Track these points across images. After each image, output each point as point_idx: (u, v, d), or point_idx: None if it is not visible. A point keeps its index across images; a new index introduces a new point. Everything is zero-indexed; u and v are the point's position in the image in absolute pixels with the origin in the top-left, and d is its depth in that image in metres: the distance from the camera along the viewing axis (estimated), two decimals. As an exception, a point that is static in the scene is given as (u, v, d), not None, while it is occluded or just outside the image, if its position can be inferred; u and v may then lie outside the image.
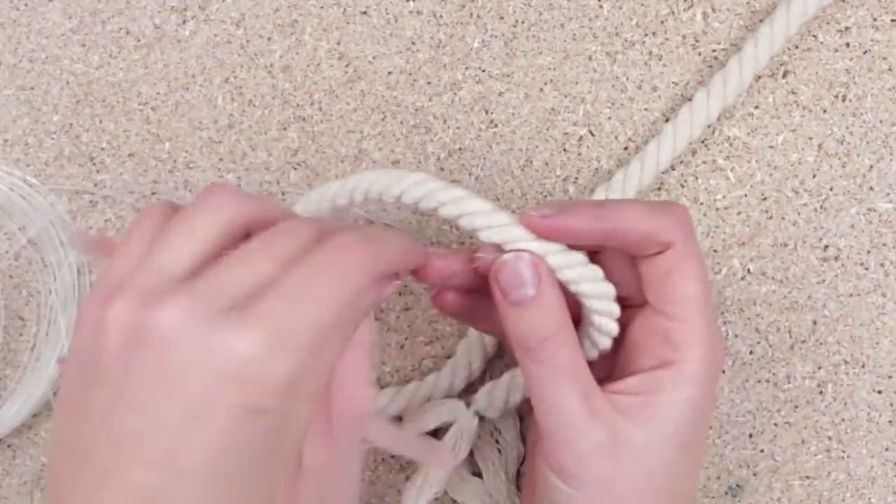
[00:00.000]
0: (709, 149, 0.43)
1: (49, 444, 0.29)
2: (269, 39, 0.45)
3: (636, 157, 0.42)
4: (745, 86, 0.42)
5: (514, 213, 0.33)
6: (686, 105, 0.42)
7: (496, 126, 0.44)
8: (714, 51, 0.44)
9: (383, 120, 0.44)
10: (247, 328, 0.26)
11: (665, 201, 0.41)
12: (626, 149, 0.44)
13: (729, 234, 0.43)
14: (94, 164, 0.44)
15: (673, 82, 0.44)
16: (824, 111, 0.43)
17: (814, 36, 0.44)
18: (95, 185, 0.44)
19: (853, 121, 0.43)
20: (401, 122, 0.44)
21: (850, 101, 0.43)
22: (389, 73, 0.44)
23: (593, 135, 0.44)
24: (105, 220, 0.44)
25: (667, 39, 0.44)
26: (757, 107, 0.43)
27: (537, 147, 0.44)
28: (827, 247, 0.43)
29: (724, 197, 0.43)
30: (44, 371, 0.43)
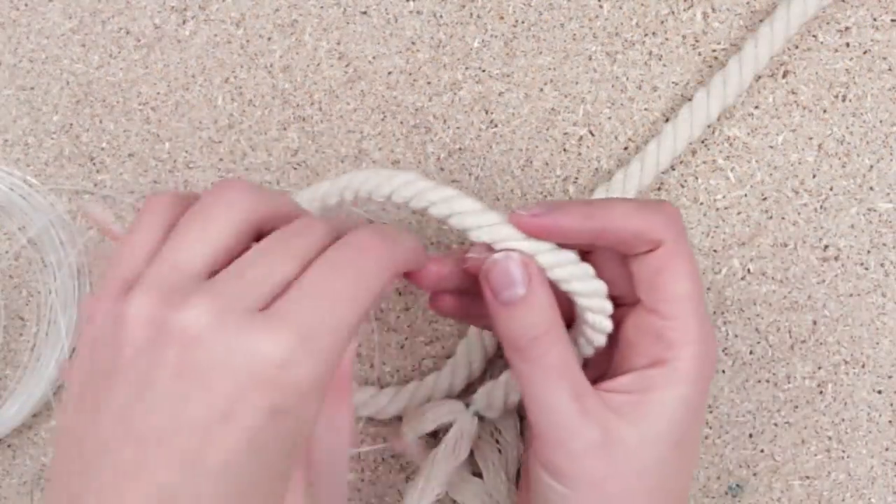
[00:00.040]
0: (709, 149, 0.43)
1: (57, 438, 0.29)
2: (269, 39, 0.45)
3: (636, 157, 0.42)
4: (745, 86, 0.42)
5: (507, 213, 0.33)
6: (686, 105, 0.42)
7: (496, 126, 0.44)
8: (714, 51, 0.44)
9: (383, 120, 0.44)
10: (273, 330, 0.27)
11: (655, 199, 0.41)
12: (626, 149, 0.44)
13: (729, 234, 0.43)
14: (94, 164, 0.44)
15: (673, 82, 0.44)
16: (824, 111, 0.43)
17: (814, 36, 0.44)
18: (95, 185, 0.44)
19: (853, 121, 0.43)
20: (401, 122, 0.44)
21: (850, 101, 0.43)
22: (389, 73, 0.44)
23: (593, 135, 0.44)
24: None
25: (667, 39, 0.44)
26: (757, 107, 0.43)
27: (537, 147, 0.44)
28: (827, 247, 0.43)
29: (724, 197, 0.43)
30: (44, 371, 0.43)
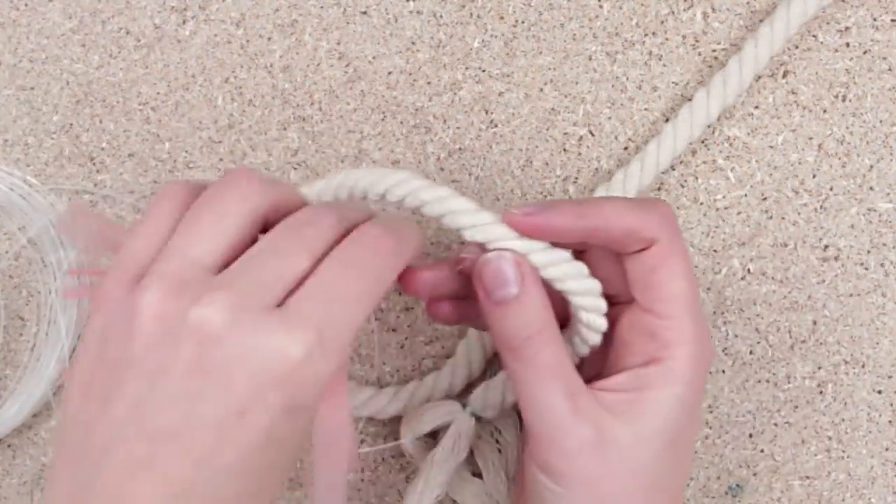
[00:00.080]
0: (709, 149, 0.43)
1: (62, 423, 0.29)
2: (269, 39, 0.45)
3: (636, 157, 0.42)
4: (745, 86, 0.42)
5: (501, 212, 0.33)
6: (686, 105, 0.42)
7: (496, 126, 0.44)
8: (714, 51, 0.44)
9: (383, 120, 0.44)
10: (290, 328, 0.27)
11: (649, 198, 0.41)
12: (626, 149, 0.44)
13: (729, 234, 0.43)
14: (94, 164, 0.44)
15: (673, 82, 0.44)
16: (824, 111, 0.43)
17: (814, 36, 0.44)
18: (95, 185, 0.44)
19: (853, 121, 0.43)
20: (401, 122, 0.44)
21: (850, 101, 0.43)
22: (389, 73, 0.44)
23: (593, 135, 0.44)
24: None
25: (667, 39, 0.44)
26: (757, 107, 0.43)
27: (537, 147, 0.44)
28: (827, 247, 0.43)
29: (724, 197, 0.43)
30: (44, 371, 0.43)
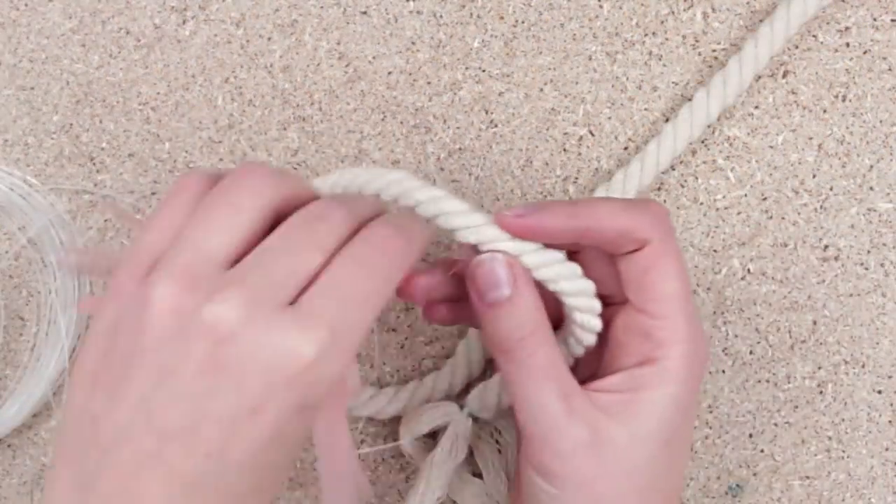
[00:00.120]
0: (709, 149, 0.43)
1: (67, 411, 0.29)
2: (269, 39, 0.45)
3: (636, 157, 0.42)
4: (745, 86, 0.42)
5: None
6: (686, 105, 0.42)
7: (496, 126, 0.44)
8: (714, 51, 0.44)
9: (383, 120, 0.44)
10: (304, 328, 0.27)
11: (642, 199, 0.41)
12: (626, 149, 0.44)
13: (729, 234, 0.43)
14: (94, 164, 0.44)
15: (673, 82, 0.44)
16: (824, 111, 0.43)
17: (814, 36, 0.44)
18: (95, 185, 0.44)
19: (853, 121, 0.43)
20: (401, 122, 0.44)
21: (850, 101, 0.43)
22: (389, 73, 0.44)
23: (593, 135, 0.44)
24: (105, 219, 0.44)
25: (667, 39, 0.44)
26: (757, 107, 0.43)
27: (537, 147, 0.44)
28: (827, 247, 0.43)
29: (724, 197, 0.43)
30: (44, 371, 0.43)
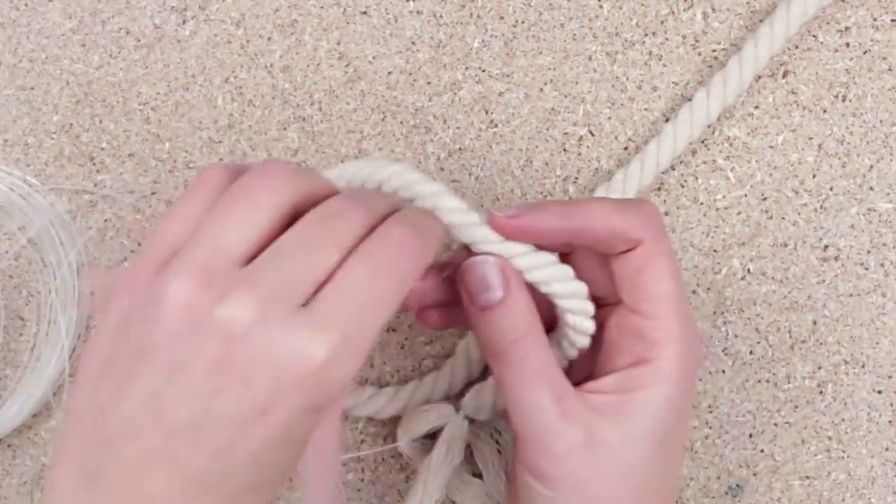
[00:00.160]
0: (709, 149, 0.43)
1: (73, 400, 0.28)
2: (269, 39, 0.45)
3: (636, 157, 0.42)
4: (745, 86, 0.42)
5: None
6: (686, 105, 0.42)
7: (496, 126, 0.44)
8: (714, 51, 0.44)
9: (383, 120, 0.44)
10: (316, 330, 0.27)
11: (635, 199, 0.41)
12: (626, 149, 0.44)
13: (729, 234, 0.43)
14: (94, 164, 0.44)
15: (673, 82, 0.44)
16: (824, 111, 0.43)
17: (814, 36, 0.44)
18: (95, 185, 0.44)
19: (853, 121, 0.43)
20: (401, 122, 0.44)
21: (850, 101, 0.43)
22: (389, 73, 0.44)
23: (593, 135, 0.44)
24: (105, 219, 0.44)
25: (667, 39, 0.44)
26: (757, 107, 0.43)
27: (537, 147, 0.44)
28: (827, 247, 0.43)
29: (724, 197, 0.43)
30: (44, 371, 0.43)
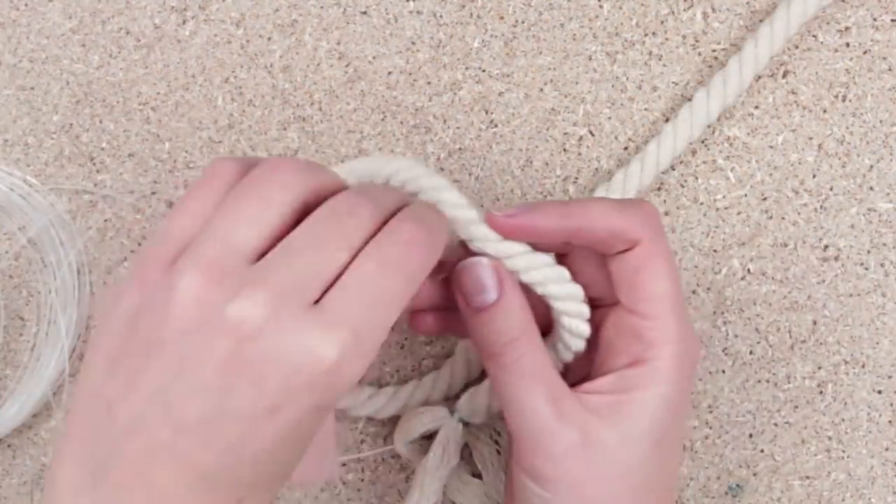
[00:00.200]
0: (709, 149, 0.43)
1: (80, 391, 0.28)
2: (269, 39, 0.45)
3: (636, 157, 0.42)
4: (745, 86, 0.42)
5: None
6: (686, 105, 0.42)
7: (496, 126, 0.44)
8: (714, 51, 0.44)
9: (383, 120, 0.44)
10: (326, 329, 0.27)
11: (634, 199, 0.41)
12: (626, 149, 0.44)
13: (729, 234, 0.43)
14: (94, 164, 0.44)
15: (673, 82, 0.44)
16: (824, 111, 0.43)
17: (814, 36, 0.44)
18: (95, 185, 0.44)
19: (853, 121, 0.43)
20: (401, 122, 0.44)
21: (850, 101, 0.43)
22: (389, 73, 0.44)
23: (593, 135, 0.44)
24: (105, 219, 0.44)
25: (667, 39, 0.44)
26: (757, 107, 0.43)
27: (537, 147, 0.44)
28: (827, 247, 0.43)
29: (724, 197, 0.43)
30: (44, 371, 0.43)
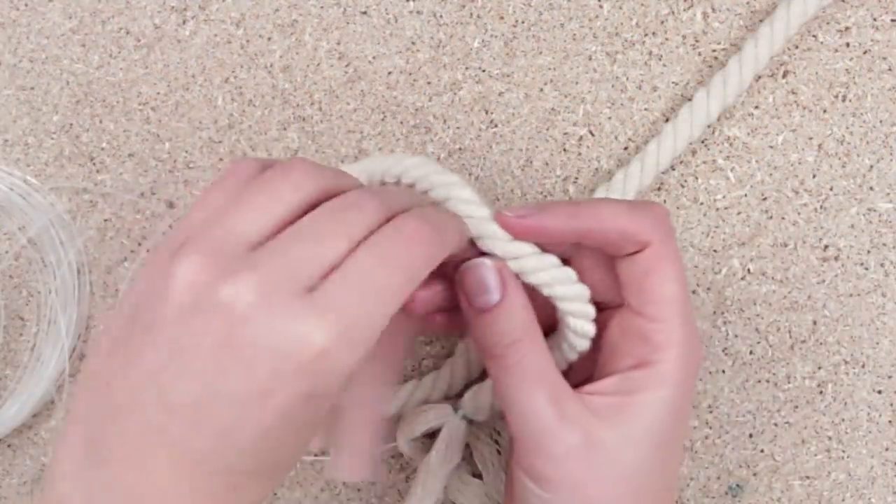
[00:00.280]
0: (709, 149, 0.43)
1: (84, 373, 0.29)
2: (269, 39, 0.45)
3: (636, 157, 0.42)
4: (745, 86, 0.42)
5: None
6: (686, 105, 0.42)
7: (496, 126, 0.44)
8: (714, 51, 0.44)
9: (383, 120, 0.44)
10: (316, 316, 0.27)
11: (644, 200, 0.41)
12: (626, 149, 0.44)
13: (729, 234, 0.43)
14: (94, 164, 0.44)
15: (673, 82, 0.44)
16: (824, 111, 0.43)
17: (814, 36, 0.44)
18: (95, 184, 0.44)
19: (853, 121, 0.43)
20: (401, 122, 0.44)
21: (850, 101, 0.43)
22: (389, 73, 0.44)
23: (593, 135, 0.44)
24: (105, 219, 0.44)
25: (667, 39, 0.44)
26: (757, 107, 0.43)
27: (537, 147, 0.44)
28: (827, 247, 0.43)
29: (724, 197, 0.43)
30: (44, 371, 0.43)
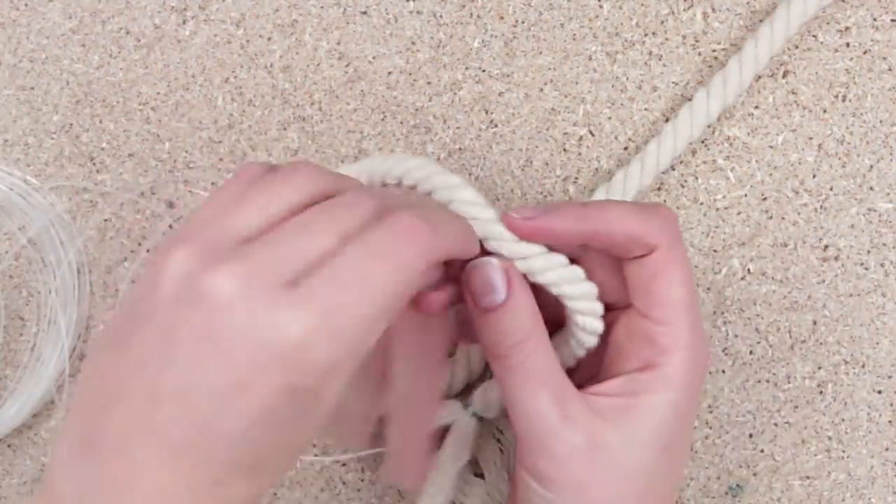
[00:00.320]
0: (709, 149, 0.43)
1: (86, 364, 0.29)
2: (269, 39, 0.45)
3: (636, 157, 0.42)
4: (745, 86, 0.42)
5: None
6: (686, 105, 0.42)
7: (496, 126, 0.44)
8: (714, 51, 0.44)
9: (383, 120, 0.44)
10: (295, 307, 0.26)
11: (652, 203, 0.41)
12: (626, 149, 0.44)
13: (729, 234, 0.43)
14: (94, 163, 0.44)
15: (673, 82, 0.44)
16: (824, 111, 0.43)
17: (814, 36, 0.44)
18: (95, 184, 0.44)
19: (853, 121, 0.43)
20: (401, 122, 0.44)
21: (850, 101, 0.43)
22: (389, 73, 0.44)
23: (593, 135, 0.44)
24: (105, 219, 0.44)
25: (667, 39, 0.44)
26: (757, 107, 0.43)
27: (537, 147, 0.44)
28: (827, 247, 0.43)
29: (724, 197, 0.43)
30: (44, 371, 0.43)
